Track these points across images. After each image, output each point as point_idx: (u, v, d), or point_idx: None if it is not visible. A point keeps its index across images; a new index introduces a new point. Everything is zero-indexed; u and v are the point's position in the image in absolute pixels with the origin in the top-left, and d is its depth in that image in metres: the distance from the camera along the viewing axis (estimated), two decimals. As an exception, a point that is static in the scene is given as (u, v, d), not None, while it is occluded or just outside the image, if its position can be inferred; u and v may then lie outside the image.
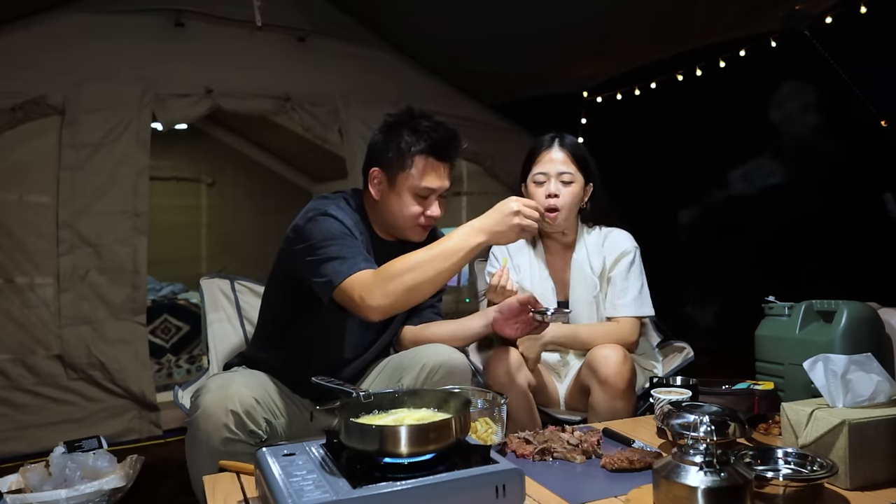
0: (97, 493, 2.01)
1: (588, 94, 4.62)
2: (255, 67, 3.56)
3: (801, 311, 1.73)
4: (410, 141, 1.64)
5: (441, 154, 1.66)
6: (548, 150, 1.99)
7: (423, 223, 1.70)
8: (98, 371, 3.08)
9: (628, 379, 1.77)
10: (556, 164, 1.97)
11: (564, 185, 1.96)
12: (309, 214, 1.62)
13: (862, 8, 3.09)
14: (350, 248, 1.56)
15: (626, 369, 1.77)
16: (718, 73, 3.79)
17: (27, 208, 3.01)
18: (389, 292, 1.46)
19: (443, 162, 1.67)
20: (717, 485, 1.03)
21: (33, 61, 3.01)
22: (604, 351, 1.80)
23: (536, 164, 2.00)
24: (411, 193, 1.66)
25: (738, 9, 3.38)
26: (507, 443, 1.49)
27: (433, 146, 1.64)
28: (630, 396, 1.81)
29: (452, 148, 1.68)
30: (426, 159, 1.64)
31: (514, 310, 1.72)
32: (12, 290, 2.97)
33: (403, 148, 1.64)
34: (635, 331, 1.98)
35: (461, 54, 4.03)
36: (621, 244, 2.01)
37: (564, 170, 1.96)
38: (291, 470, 1.08)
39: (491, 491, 1.03)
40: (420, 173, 1.64)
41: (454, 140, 1.69)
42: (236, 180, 6.02)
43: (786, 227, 4.44)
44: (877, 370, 1.34)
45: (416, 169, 1.64)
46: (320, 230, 1.58)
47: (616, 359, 1.77)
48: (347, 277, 1.50)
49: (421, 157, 1.64)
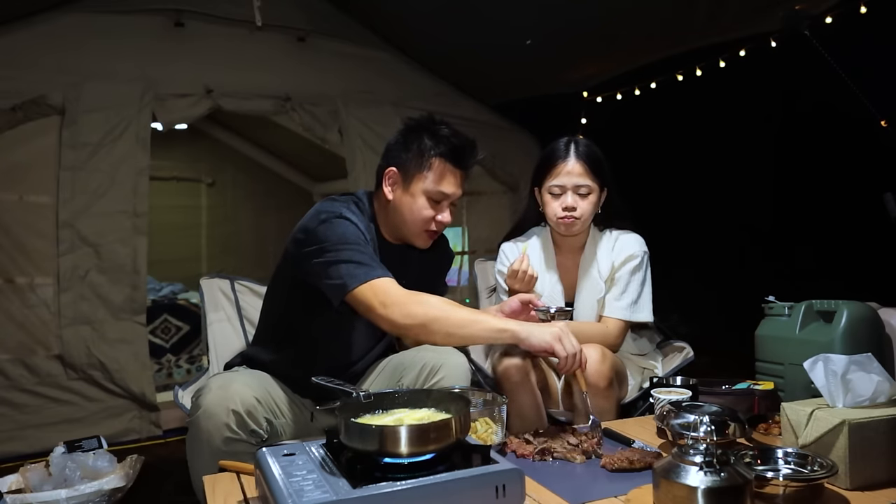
0: (97, 493, 2.01)
1: (588, 94, 4.61)
2: (255, 67, 3.56)
3: (801, 311, 1.73)
4: (430, 144, 1.66)
5: (458, 161, 1.68)
6: (564, 162, 1.95)
7: (432, 228, 1.71)
8: (98, 371, 3.08)
9: (609, 377, 1.76)
10: (573, 176, 1.93)
11: (581, 197, 1.94)
12: (322, 216, 1.61)
13: (862, 8, 3.08)
14: (366, 253, 1.57)
15: (606, 367, 1.76)
16: (718, 73, 3.78)
17: (27, 208, 3.02)
18: (410, 314, 1.48)
19: (459, 169, 1.69)
20: (717, 485, 1.03)
21: (33, 61, 3.00)
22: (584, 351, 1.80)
23: (552, 176, 1.96)
24: (426, 196, 1.67)
25: (738, 9, 3.38)
26: (507, 443, 1.49)
27: (452, 151, 1.66)
28: (611, 395, 1.80)
29: (470, 156, 1.70)
30: (444, 164, 1.66)
31: (515, 309, 1.73)
32: (12, 290, 2.98)
33: (423, 150, 1.66)
34: (621, 334, 1.97)
35: (461, 54, 4.03)
36: (629, 248, 2.00)
37: (581, 182, 1.93)
38: (291, 470, 1.08)
39: (491, 491, 1.03)
40: (436, 177, 1.66)
41: (472, 149, 1.71)
42: (236, 180, 6.02)
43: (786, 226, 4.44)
44: (877, 370, 1.34)
45: (432, 172, 1.66)
46: (335, 233, 1.58)
47: (595, 357, 1.76)
48: (365, 283, 1.51)
49: (439, 160, 1.66)
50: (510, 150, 4.43)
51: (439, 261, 1.94)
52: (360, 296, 1.51)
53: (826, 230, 4.11)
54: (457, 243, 4.68)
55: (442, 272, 1.97)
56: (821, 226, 4.14)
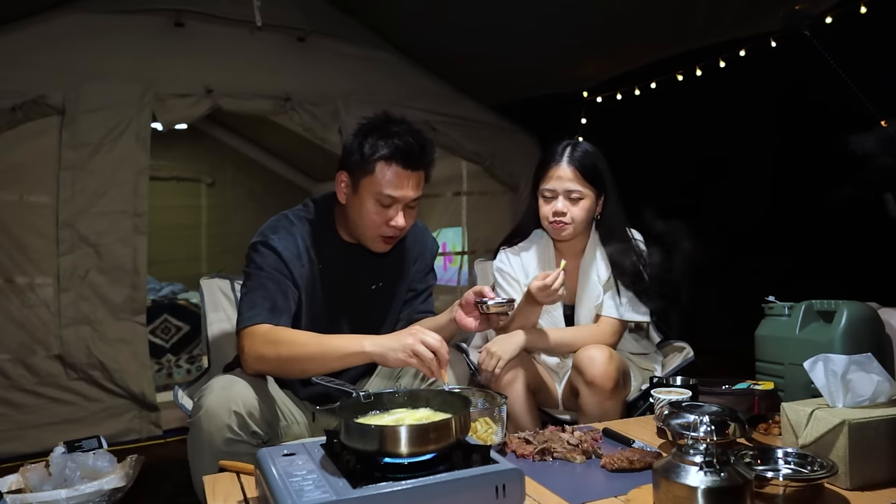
0: (97, 493, 2.01)
1: (588, 94, 4.61)
2: (255, 67, 3.56)
3: (801, 311, 1.73)
4: (375, 146, 1.59)
5: (406, 162, 1.59)
6: (557, 166, 1.93)
7: (386, 234, 1.65)
8: (98, 371, 3.08)
9: (615, 378, 1.76)
10: (564, 181, 1.92)
11: (573, 202, 1.93)
12: (255, 240, 1.66)
13: (862, 8, 3.08)
14: (266, 292, 1.59)
15: (613, 368, 1.76)
16: (718, 73, 3.78)
17: (27, 208, 3.02)
18: (263, 356, 1.52)
19: (409, 171, 1.61)
20: (717, 485, 1.03)
21: (33, 61, 3.00)
22: (589, 352, 1.79)
23: (545, 179, 1.95)
24: (374, 199, 1.61)
25: (738, 9, 3.37)
26: (507, 443, 1.49)
27: (396, 153, 1.58)
28: (618, 395, 1.81)
29: (419, 157, 1.61)
30: (389, 166, 1.59)
31: (470, 303, 1.68)
32: (12, 290, 2.97)
33: (367, 152, 1.59)
34: (616, 332, 1.97)
35: (461, 54, 4.03)
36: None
37: (572, 187, 1.92)
38: (291, 470, 1.08)
39: (491, 491, 1.03)
40: (382, 179, 1.59)
41: (422, 149, 1.62)
42: (236, 180, 6.03)
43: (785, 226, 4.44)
44: (877, 370, 1.34)
45: (378, 175, 1.59)
46: (255, 262, 1.63)
47: (602, 359, 1.76)
48: (246, 327, 1.55)
49: (383, 163, 1.59)
50: (510, 150, 4.43)
51: (419, 253, 1.87)
52: (239, 339, 1.58)
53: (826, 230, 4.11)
54: (457, 243, 4.69)
55: (425, 266, 1.89)
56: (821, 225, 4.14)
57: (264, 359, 1.53)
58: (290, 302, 1.62)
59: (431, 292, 1.92)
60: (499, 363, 1.82)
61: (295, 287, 1.64)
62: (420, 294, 1.87)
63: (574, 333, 1.96)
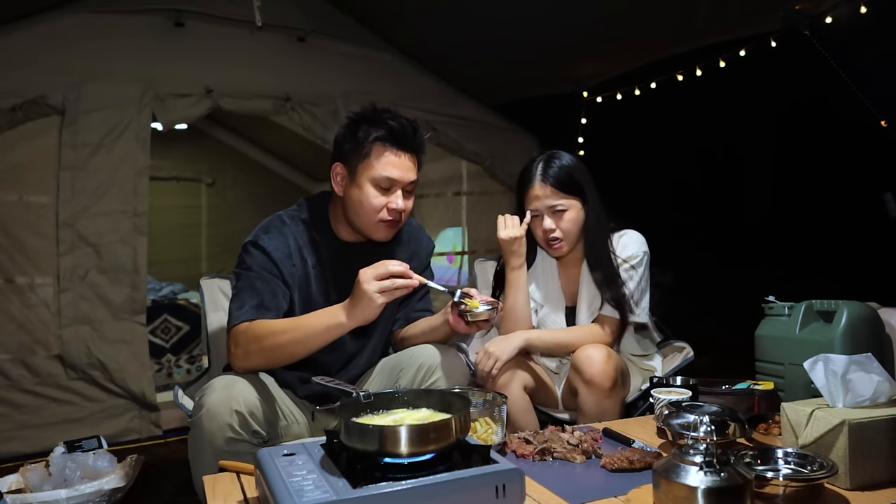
0: (97, 493, 2.01)
1: (588, 94, 4.62)
2: (255, 67, 3.56)
3: (801, 311, 1.73)
4: (368, 131, 1.63)
5: (400, 143, 1.63)
6: (532, 186, 1.93)
7: (387, 218, 1.66)
8: (98, 371, 3.08)
9: (613, 377, 1.76)
10: (544, 200, 1.92)
11: (558, 216, 1.93)
12: (246, 240, 1.67)
13: (862, 8, 3.08)
14: (253, 291, 1.60)
15: (611, 367, 1.76)
16: (718, 73, 3.79)
17: (27, 208, 3.01)
18: (249, 352, 1.55)
19: (403, 152, 1.64)
20: (717, 485, 1.03)
21: (33, 61, 3.00)
22: (587, 351, 1.79)
23: (527, 201, 1.96)
24: (373, 184, 1.63)
25: (738, 9, 3.38)
26: (507, 443, 1.49)
27: (391, 133, 1.62)
28: (617, 394, 1.80)
29: (412, 137, 1.65)
30: (385, 147, 1.63)
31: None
32: (12, 290, 2.97)
33: (361, 137, 1.63)
34: (612, 331, 1.96)
35: (461, 54, 4.03)
36: (629, 248, 1.98)
37: (553, 203, 1.92)
38: (291, 470, 1.08)
39: (491, 491, 1.03)
40: (379, 161, 1.62)
41: (414, 131, 1.66)
42: (236, 180, 6.03)
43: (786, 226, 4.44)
44: (877, 370, 1.34)
45: (374, 157, 1.62)
46: (244, 262, 1.65)
47: (599, 358, 1.76)
48: (233, 326, 1.58)
49: (379, 144, 1.63)
50: (510, 150, 4.42)
51: (414, 251, 1.88)
52: (228, 339, 1.61)
53: (826, 230, 4.11)
54: (457, 243, 4.69)
55: (421, 264, 1.89)
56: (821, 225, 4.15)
57: (251, 354, 1.55)
58: (280, 300, 1.63)
59: (428, 290, 1.92)
60: (496, 364, 1.82)
61: (286, 286, 1.65)
62: (416, 292, 1.87)
63: (572, 333, 1.96)
